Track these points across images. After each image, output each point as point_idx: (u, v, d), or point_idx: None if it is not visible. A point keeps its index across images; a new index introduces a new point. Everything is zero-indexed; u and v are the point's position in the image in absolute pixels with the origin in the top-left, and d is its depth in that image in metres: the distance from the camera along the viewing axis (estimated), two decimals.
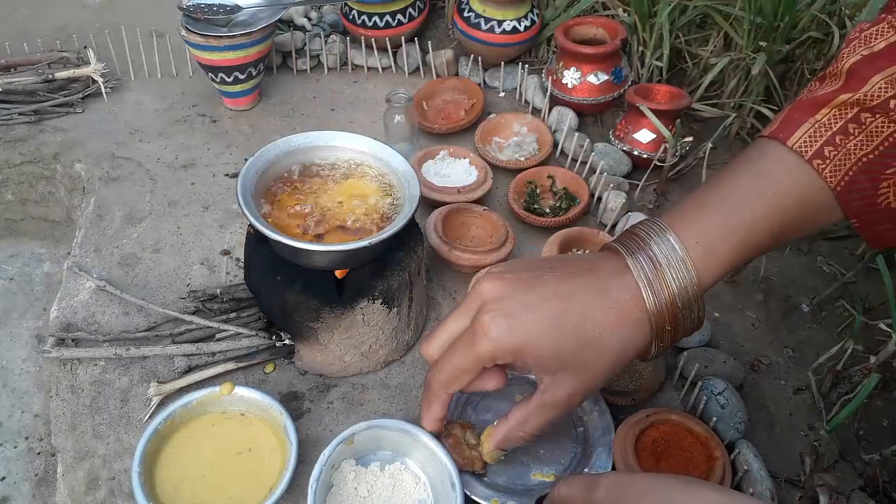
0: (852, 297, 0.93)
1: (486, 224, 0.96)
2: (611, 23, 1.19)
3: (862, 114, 0.48)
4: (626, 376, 0.80)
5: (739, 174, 0.51)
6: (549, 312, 0.48)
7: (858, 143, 0.48)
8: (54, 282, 1.08)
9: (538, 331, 0.48)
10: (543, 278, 0.50)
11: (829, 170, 0.48)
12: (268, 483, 0.68)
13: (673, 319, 0.49)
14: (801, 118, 0.50)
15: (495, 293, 0.50)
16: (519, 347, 0.49)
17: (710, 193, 0.51)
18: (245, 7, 1.12)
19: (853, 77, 0.50)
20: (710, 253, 0.49)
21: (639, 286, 0.49)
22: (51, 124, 1.16)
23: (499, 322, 0.49)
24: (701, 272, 0.49)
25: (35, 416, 0.92)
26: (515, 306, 0.49)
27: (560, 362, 0.49)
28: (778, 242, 0.51)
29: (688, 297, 0.49)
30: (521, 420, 0.53)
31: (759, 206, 0.49)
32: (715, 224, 0.49)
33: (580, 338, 0.48)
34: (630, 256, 0.49)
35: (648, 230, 0.50)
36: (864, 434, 0.80)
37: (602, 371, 0.50)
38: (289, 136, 0.80)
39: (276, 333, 0.81)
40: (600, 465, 0.70)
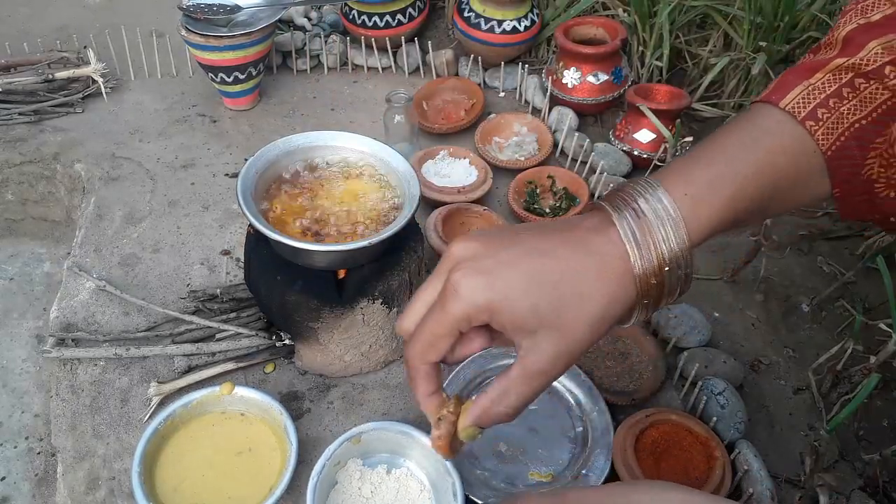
0: (852, 297, 0.93)
1: (487, 224, 0.96)
2: (611, 23, 1.19)
3: (856, 79, 0.48)
4: (626, 376, 0.80)
5: (732, 132, 0.49)
6: (525, 267, 0.45)
7: (852, 108, 0.47)
8: (54, 282, 1.08)
9: (513, 286, 0.45)
10: (520, 236, 0.47)
11: (821, 132, 0.47)
12: (268, 483, 0.68)
13: (659, 275, 0.46)
14: (794, 81, 0.49)
15: (468, 252, 0.47)
16: (493, 304, 0.45)
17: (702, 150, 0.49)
18: (245, 7, 1.12)
19: (849, 44, 0.49)
20: (699, 206, 0.46)
21: (623, 240, 0.46)
22: (51, 124, 1.16)
23: (470, 279, 0.45)
24: (690, 226, 0.46)
25: (35, 416, 0.92)
26: (489, 263, 0.46)
27: (538, 319, 0.45)
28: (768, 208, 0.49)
29: (675, 252, 0.46)
30: (502, 392, 0.47)
31: (752, 162, 0.47)
32: (705, 177, 0.47)
33: (559, 292, 0.45)
34: (615, 212, 0.47)
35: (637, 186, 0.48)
36: (864, 434, 0.80)
37: (585, 328, 0.46)
38: (289, 136, 0.80)
39: (276, 333, 0.81)
40: (599, 466, 0.70)
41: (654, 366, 0.80)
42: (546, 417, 0.76)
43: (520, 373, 0.47)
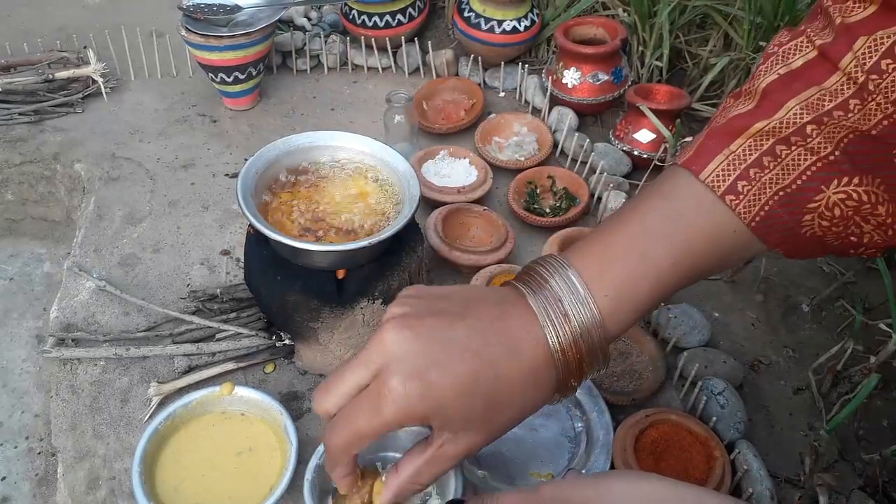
0: (852, 297, 0.93)
1: (486, 224, 0.96)
2: (611, 23, 1.19)
3: (778, 146, 0.46)
4: (627, 376, 0.80)
5: (649, 214, 0.48)
6: (461, 373, 0.45)
7: (774, 177, 0.46)
8: (54, 282, 1.08)
9: (450, 394, 0.45)
10: (454, 329, 0.47)
11: (742, 205, 0.46)
12: (268, 483, 0.68)
13: (579, 375, 0.49)
14: (715, 147, 0.48)
15: (402, 349, 0.46)
16: (429, 414, 0.46)
17: (617, 234, 0.49)
18: (245, 7, 1.12)
19: (767, 99, 0.47)
20: (619, 305, 0.47)
21: (544, 332, 0.47)
22: (51, 124, 1.16)
23: (409, 386, 0.45)
24: (609, 323, 0.47)
25: (35, 416, 0.92)
26: (425, 365, 0.45)
27: (466, 424, 0.47)
28: (691, 282, 0.50)
29: (595, 351, 0.48)
30: (415, 473, 0.50)
31: (670, 253, 0.47)
32: (622, 275, 0.47)
33: (489, 400, 0.47)
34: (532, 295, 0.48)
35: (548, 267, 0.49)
36: (864, 434, 0.80)
37: (503, 429, 0.49)
38: (289, 136, 0.80)
39: (276, 333, 0.81)
40: (599, 466, 0.70)
41: (654, 366, 0.80)
42: (546, 417, 0.76)
43: (433, 458, 0.49)
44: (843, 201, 0.45)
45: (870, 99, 0.43)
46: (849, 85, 0.44)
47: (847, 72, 0.44)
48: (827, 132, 0.45)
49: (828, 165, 0.45)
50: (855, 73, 0.44)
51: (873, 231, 0.46)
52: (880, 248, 0.48)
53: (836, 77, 0.45)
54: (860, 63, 0.44)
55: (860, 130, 0.44)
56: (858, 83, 0.44)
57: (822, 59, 0.46)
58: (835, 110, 0.44)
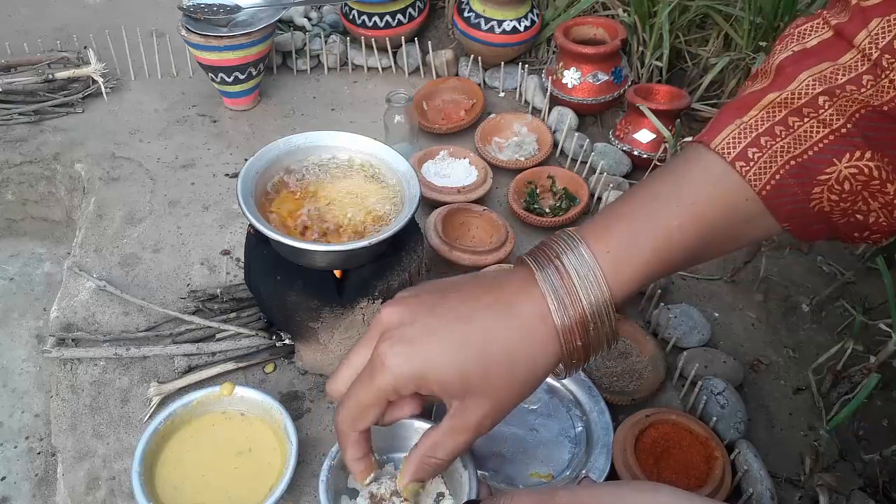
0: (852, 297, 0.93)
1: (486, 224, 0.96)
2: (611, 23, 1.19)
3: (790, 117, 0.46)
4: (627, 376, 0.80)
5: (659, 183, 0.48)
6: (449, 335, 0.46)
7: (786, 146, 0.45)
8: (54, 282, 1.08)
9: (439, 356, 0.46)
10: (446, 299, 0.48)
11: (753, 172, 0.46)
12: (268, 483, 0.68)
13: (583, 334, 0.47)
14: (727, 119, 0.48)
15: (394, 320, 0.47)
16: (420, 375, 0.46)
17: (627, 203, 0.48)
18: (245, 7, 1.12)
19: (781, 74, 0.47)
20: (621, 263, 0.46)
21: (545, 300, 0.46)
22: (51, 124, 1.16)
23: (396, 350, 0.46)
24: (612, 283, 0.46)
25: (35, 416, 0.92)
26: (414, 332, 0.46)
27: (466, 387, 0.47)
28: (701, 256, 0.48)
29: (599, 309, 0.46)
30: (432, 446, 0.50)
31: (677, 215, 0.46)
32: (627, 233, 0.46)
33: (484, 360, 0.46)
34: (539, 270, 0.47)
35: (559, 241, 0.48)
36: (864, 434, 0.80)
37: (512, 392, 0.48)
38: (289, 136, 0.80)
39: (276, 333, 0.81)
40: (599, 466, 0.70)
41: (654, 366, 0.80)
42: (546, 417, 0.76)
43: (449, 429, 0.49)
44: (853, 175, 0.45)
45: (883, 76, 0.44)
46: (863, 61, 0.45)
47: (861, 48, 0.45)
48: (839, 105, 0.45)
49: (840, 138, 0.45)
50: (869, 49, 0.44)
51: (880, 210, 0.46)
52: (885, 232, 0.47)
53: (851, 54, 0.45)
54: (874, 41, 0.44)
55: (872, 106, 0.44)
56: (872, 59, 0.44)
57: (838, 37, 0.46)
58: (847, 84, 0.45)
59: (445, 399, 0.48)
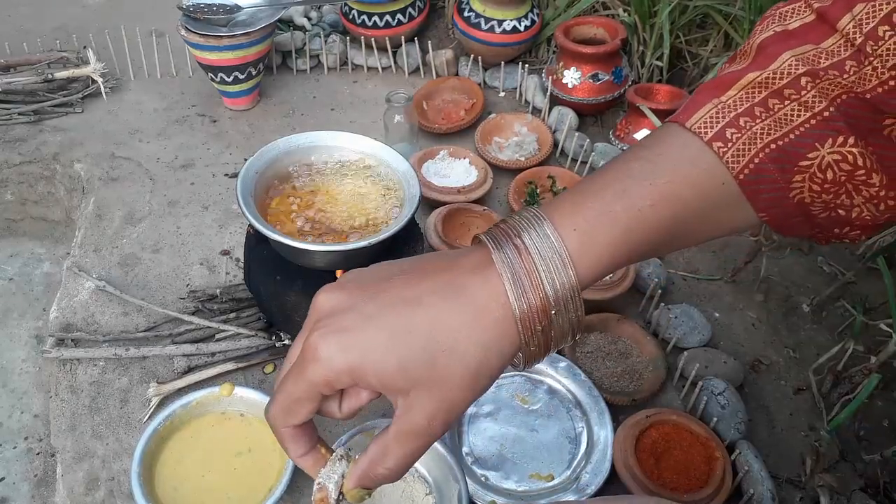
0: (852, 297, 0.93)
1: (487, 224, 0.96)
2: (611, 23, 1.18)
3: (770, 99, 0.43)
4: (626, 376, 0.80)
5: (632, 160, 0.44)
6: (389, 322, 0.41)
7: (766, 127, 0.43)
8: (54, 282, 1.08)
9: (376, 345, 0.41)
10: (391, 282, 0.43)
11: (730, 154, 0.42)
12: (267, 483, 0.68)
13: (544, 319, 0.41)
14: (704, 98, 0.45)
15: (330, 306, 0.42)
16: (355, 367, 0.41)
17: (596, 180, 0.44)
18: (245, 7, 1.11)
19: (762, 53, 0.45)
20: (589, 242, 0.41)
21: (502, 281, 0.41)
22: (51, 124, 1.16)
23: (328, 340, 0.41)
24: (578, 264, 0.41)
25: (35, 417, 0.92)
26: (350, 319, 0.41)
27: (409, 379, 0.41)
28: (676, 240, 0.45)
29: (563, 293, 0.41)
30: (380, 454, 0.44)
31: (650, 193, 0.42)
32: (595, 210, 0.42)
33: (429, 347, 0.41)
34: (497, 249, 0.42)
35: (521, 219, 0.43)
36: (865, 434, 0.80)
37: (462, 384, 0.42)
38: (289, 136, 0.80)
39: (275, 333, 0.81)
40: (599, 466, 0.70)
41: (654, 366, 0.80)
42: (546, 417, 0.76)
43: (396, 434, 0.43)
44: (837, 163, 0.43)
45: (866, 62, 0.42)
46: (846, 46, 0.43)
47: (845, 33, 0.43)
48: (821, 87, 0.43)
49: (822, 122, 0.43)
50: (853, 34, 0.43)
51: (864, 204, 0.44)
52: (867, 227, 0.45)
53: (834, 38, 0.44)
54: (858, 26, 0.43)
55: (854, 92, 0.43)
56: (856, 45, 0.43)
57: (820, 21, 0.45)
58: (830, 69, 0.43)
59: (389, 396, 0.43)
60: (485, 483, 0.70)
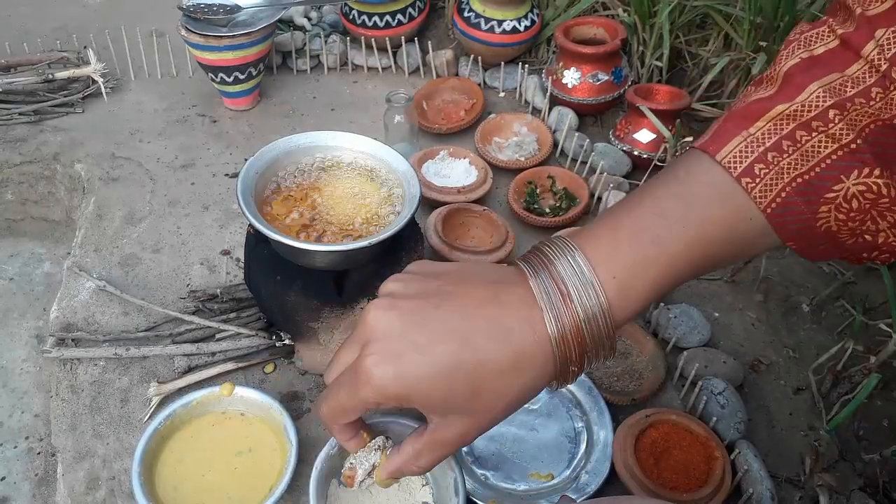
0: (852, 297, 0.93)
1: (486, 224, 0.96)
2: (611, 23, 1.19)
3: (798, 131, 0.45)
4: (627, 376, 0.80)
5: (664, 197, 0.47)
6: (441, 356, 0.44)
7: (793, 162, 0.44)
8: (54, 282, 1.08)
9: (427, 376, 0.44)
10: (440, 310, 0.46)
11: (758, 189, 0.44)
12: (268, 483, 0.68)
13: (580, 352, 0.46)
14: (734, 130, 0.46)
15: (382, 328, 0.46)
16: (403, 395, 0.45)
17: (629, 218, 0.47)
18: (245, 7, 1.12)
19: (789, 83, 0.46)
20: (627, 288, 0.45)
21: (543, 318, 0.45)
22: (51, 124, 1.16)
23: (382, 368, 0.45)
24: (616, 307, 0.45)
25: (35, 416, 0.92)
26: (402, 348, 0.45)
27: (451, 407, 0.46)
28: (702, 272, 0.48)
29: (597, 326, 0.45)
30: (413, 457, 0.50)
31: (683, 238, 0.45)
32: (633, 257, 0.45)
33: (475, 384, 0.45)
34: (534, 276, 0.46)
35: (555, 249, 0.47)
36: (864, 434, 0.80)
37: (498, 414, 0.47)
38: (289, 136, 0.80)
39: (276, 333, 0.81)
40: (599, 466, 0.70)
41: (654, 366, 0.80)
42: (546, 417, 0.76)
43: (429, 442, 0.49)
44: (861, 193, 0.44)
45: (892, 87, 0.43)
46: (871, 73, 0.44)
47: (869, 59, 0.44)
48: (849, 119, 0.44)
49: (849, 154, 0.44)
50: (878, 60, 0.43)
51: (889, 229, 0.45)
52: (894, 251, 0.47)
53: (858, 65, 0.44)
54: (882, 52, 0.43)
55: (881, 119, 0.43)
56: (881, 71, 0.43)
57: (844, 47, 0.46)
58: (857, 97, 0.44)
59: (427, 414, 0.48)
60: (485, 483, 0.70)
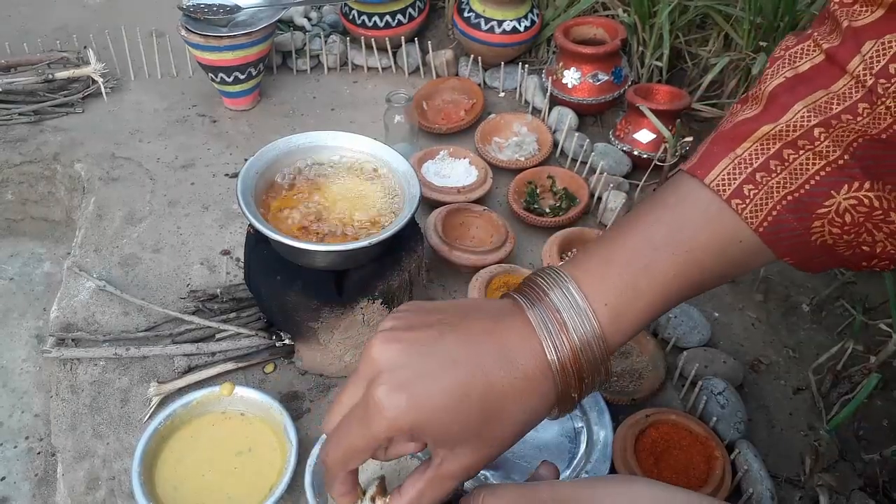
0: (852, 297, 0.93)
1: (486, 224, 0.96)
2: (611, 23, 1.19)
3: (785, 150, 0.45)
4: (627, 376, 0.80)
5: (653, 224, 0.47)
6: (450, 384, 0.44)
7: (781, 181, 0.44)
8: (54, 282, 1.08)
9: (439, 406, 0.44)
10: (445, 340, 0.46)
11: (749, 210, 0.45)
12: (268, 483, 0.68)
13: (579, 385, 0.46)
14: (721, 152, 0.46)
15: (389, 360, 0.45)
16: (417, 426, 0.44)
17: (619, 245, 0.47)
18: (245, 7, 1.12)
19: (774, 102, 0.46)
20: (619, 316, 0.46)
21: (542, 346, 0.45)
22: (51, 124, 1.16)
23: (395, 398, 0.44)
24: (608, 334, 0.46)
25: (35, 416, 0.92)
26: (412, 377, 0.44)
27: (464, 436, 0.45)
28: (695, 294, 0.49)
29: (595, 364, 0.46)
30: (418, 494, 0.48)
31: (673, 265, 0.46)
32: (623, 286, 0.46)
33: (484, 412, 0.45)
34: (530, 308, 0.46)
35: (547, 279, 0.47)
36: (864, 434, 0.80)
37: (504, 443, 0.47)
38: (289, 136, 0.80)
39: (276, 333, 0.81)
40: (599, 466, 0.70)
41: (654, 366, 0.80)
42: None
43: (434, 477, 0.47)
44: (853, 207, 0.44)
45: (879, 102, 0.43)
46: (857, 88, 0.44)
47: (855, 75, 0.44)
48: (835, 136, 0.44)
49: (837, 170, 0.44)
50: (863, 76, 0.43)
51: (886, 239, 0.45)
52: (893, 258, 0.46)
53: (844, 81, 0.44)
54: (868, 66, 0.43)
55: (869, 135, 0.43)
56: (867, 86, 0.43)
57: (830, 62, 0.45)
58: (843, 113, 0.44)
59: (434, 448, 0.47)
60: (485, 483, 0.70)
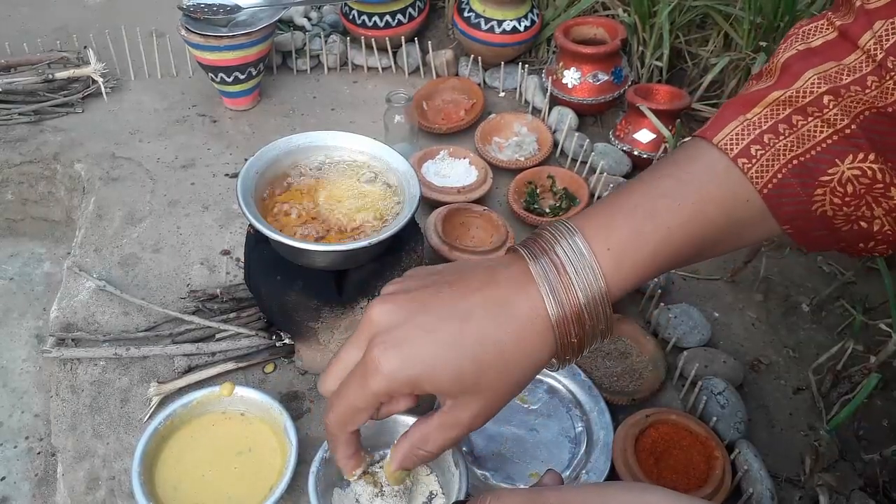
0: (852, 297, 0.93)
1: (486, 224, 0.96)
2: (611, 23, 1.19)
3: (794, 115, 0.45)
4: (627, 376, 0.80)
5: (661, 178, 0.47)
6: (445, 335, 0.45)
7: (788, 144, 0.45)
8: (54, 282, 1.08)
9: (434, 356, 0.45)
10: (440, 295, 0.47)
11: (755, 169, 0.45)
12: (268, 483, 0.68)
13: (579, 330, 0.46)
14: (731, 115, 0.47)
15: (386, 320, 0.46)
16: (415, 378, 0.46)
17: (626, 197, 0.47)
18: (245, 7, 1.12)
19: (786, 72, 0.47)
20: (621, 261, 0.46)
21: (541, 295, 0.45)
22: (51, 124, 1.16)
23: (390, 354, 0.45)
24: (611, 281, 0.45)
25: (35, 416, 0.92)
26: (408, 332, 0.46)
27: (461, 387, 0.46)
28: (701, 255, 0.48)
29: (595, 306, 0.45)
30: (422, 439, 0.50)
31: (679, 214, 0.46)
32: (628, 230, 0.46)
33: (480, 359, 0.45)
34: (533, 261, 0.46)
35: (555, 233, 0.47)
36: (864, 434, 0.80)
37: (506, 391, 0.48)
38: (289, 136, 0.80)
39: (276, 333, 0.81)
40: (599, 466, 0.70)
41: (654, 366, 0.80)
42: (546, 417, 0.76)
43: (440, 424, 0.49)
44: (856, 178, 0.45)
45: (888, 77, 0.44)
46: (867, 62, 0.45)
47: (866, 49, 0.45)
48: (844, 105, 0.45)
49: (843, 139, 0.45)
50: (874, 50, 0.44)
51: (884, 217, 0.46)
52: (890, 241, 0.47)
53: (855, 55, 0.45)
54: (879, 42, 0.44)
55: (877, 107, 0.44)
56: (877, 61, 0.44)
57: (842, 38, 0.46)
58: (852, 84, 0.44)
59: (439, 397, 0.48)
60: (485, 483, 0.70)
